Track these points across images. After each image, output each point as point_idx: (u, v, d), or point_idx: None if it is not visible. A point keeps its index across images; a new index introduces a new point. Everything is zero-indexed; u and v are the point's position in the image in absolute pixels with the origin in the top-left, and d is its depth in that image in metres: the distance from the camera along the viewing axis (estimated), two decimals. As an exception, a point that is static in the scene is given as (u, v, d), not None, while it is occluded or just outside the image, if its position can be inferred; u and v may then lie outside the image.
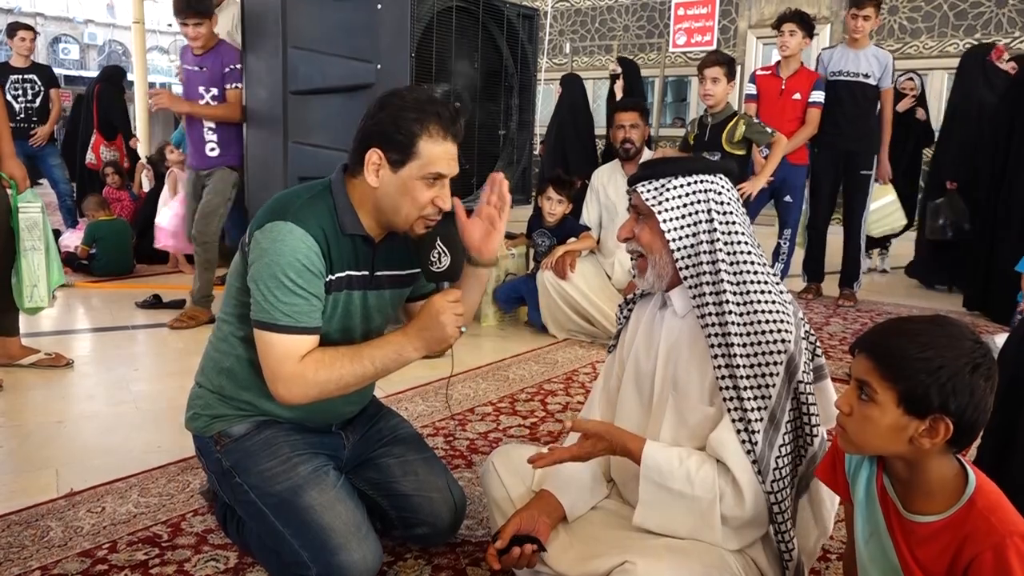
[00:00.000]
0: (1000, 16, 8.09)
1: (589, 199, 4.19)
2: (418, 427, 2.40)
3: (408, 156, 1.57)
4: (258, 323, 1.56)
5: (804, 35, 4.89)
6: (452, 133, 1.61)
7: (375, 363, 1.60)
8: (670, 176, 1.51)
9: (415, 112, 1.57)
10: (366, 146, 1.59)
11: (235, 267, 1.69)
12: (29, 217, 3.03)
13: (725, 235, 1.48)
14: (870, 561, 1.28)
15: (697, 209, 1.49)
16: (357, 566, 1.56)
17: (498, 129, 4.37)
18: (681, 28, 10.23)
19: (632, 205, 1.58)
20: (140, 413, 2.86)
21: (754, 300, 1.44)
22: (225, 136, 4.14)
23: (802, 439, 1.47)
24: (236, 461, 1.68)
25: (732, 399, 1.42)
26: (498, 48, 4.30)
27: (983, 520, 1.13)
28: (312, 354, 1.57)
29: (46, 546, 1.88)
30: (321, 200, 1.62)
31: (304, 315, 1.55)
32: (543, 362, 3.62)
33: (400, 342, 1.61)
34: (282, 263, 1.52)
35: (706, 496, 1.41)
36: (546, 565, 1.52)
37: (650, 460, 1.44)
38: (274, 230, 1.54)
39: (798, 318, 1.48)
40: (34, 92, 6.33)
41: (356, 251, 1.65)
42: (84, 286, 5.08)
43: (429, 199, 1.60)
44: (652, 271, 1.55)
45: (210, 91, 4.09)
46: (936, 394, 1.11)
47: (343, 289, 1.65)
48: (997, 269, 4.55)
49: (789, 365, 1.42)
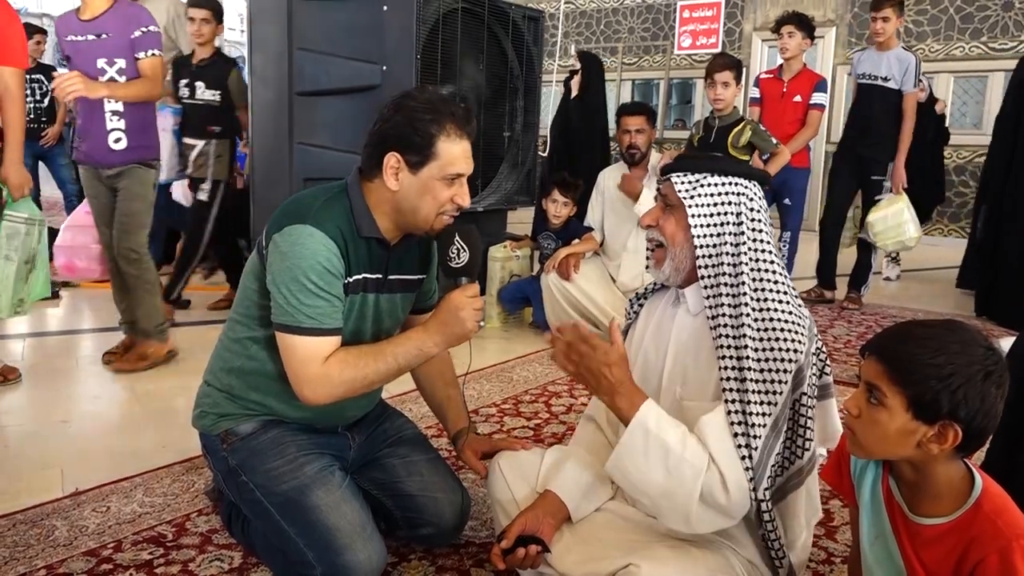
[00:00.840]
0: (1006, 19, 8.07)
1: (594, 200, 4.18)
2: (423, 428, 2.40)
3: (427, 157, 1.58)
4: (281, 326, 1.56)
5: (804, 36, 4.89)
6: (468, 132, 1.62)
7: (398, 359, 1.61)
8: (706, 172, 1.51)
9: (431, 113, 1.57)
10: (383, 150, 1.59)
11: (251, 268, 1.70)
12: (12, 226, 2.90)
13: (752, 240, 1.48)
14: (875, 563, 1.27)
15: (728, 210, 1.49)
16: (362, 566, 1.56)
17: (503, 131, 4.37)
18: (686, 30, 10.22)
19: (661, 194, 1.57)
20: (145, 413, 2.87)
21: (771, 308, 1.43)
22: (135, 122, 3.23)
23: (791, 451, 1.47)
24: (242, 460, 1.69)
25: (735, 401, 1.41)
26: (503, 50, 4.31)
27: (989, 523, 1.13)
28: (336, 354, 1.57)
29: (51, 545, 1.89)
30: (338, 203, 1.62)
31: (327, 317, 1.56)
32: (547, 364, 3.61)
33: (421, 338, 1.63)
34: (303, 266, 1.53)
35: (695, 461, 1.37)
36: (550, 566, 1.52)
37: (651, 412, 1.40)
38: (294, 233, 1.55)
39: (812, 333, 1.47)
40: (42, 92, 6.37)
41: (371, 254, 1.66)
42: (89, 286, 5.08)
43: (449, 198, 1.62)
44: (670, 263, 1.54)
45: (115, 64, 3.14)
46: (946, 400, 1.10)
47: (359, 291, 1.65)
48: (1004, 265, 4.50)
49: (797, 376, 1.41)
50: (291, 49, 3.94)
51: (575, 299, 3.92)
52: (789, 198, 4.92)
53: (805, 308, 1.50)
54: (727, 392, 1.42)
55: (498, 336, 4.19)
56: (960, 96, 8.50)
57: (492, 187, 4.35)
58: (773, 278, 1.46)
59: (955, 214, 8.32)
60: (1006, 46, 8.08)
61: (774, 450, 1.41)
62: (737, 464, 1.38)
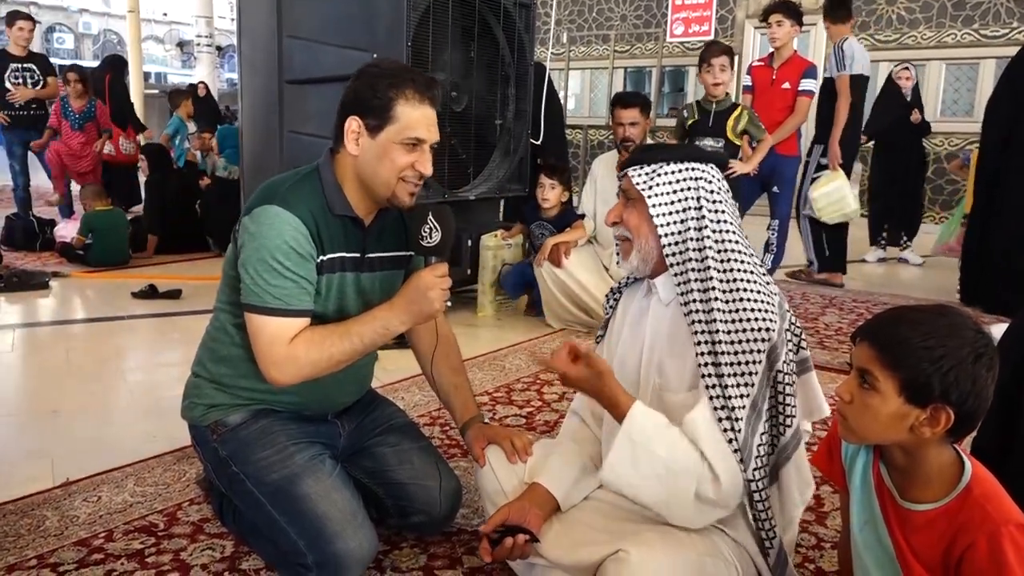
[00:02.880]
0: (998, 6, 8.07)
1: (587, 188, 4.18)
2: (413, 416, 2.40)
3: (385, 120, 1.57)
4: (249, 307, 1.56)
5: (792, 23, 4.88)
6: (429, 97, 1.61)
7: (364, 338, 1.60)
8: (661, 162, 1.52)
9: (390, 78, 1.58)
10: (344, 115, 1.60)
11: (229, 255, 1.69)
12: None
13: (713, 223, 1.48)
14: (865, 548, 1.28)
15: (687, 196, 1.50)
16: (353, 554, 1.56)
17: (494, 119, 4.35)
18: (679, 18, 10.19)
19: (622, 189, 1.59)
20: (136, 403, 2.86)
21: (740, 288, 1.44)
22: None
23: (776, 428, 1.47)
24: (232, 450, 1.68)
25: (715, 386, 1.42)
26: (495, 37, 4.29)
27: (979, 508, 1.13)
28: (302, 334, 1.57)
29: (42, 535, 1.88)
30: (308, 182, 1.63)
31: (294, 298, 1.55)
32: (539, 352, 3.61)
33: (386, 317, 1.61)
34: (270, 247, 1.53)
35: (687, 465, 1.38)
36: (540, 556, 1.52)
37: (637, 419, 1.42)
38: (262, 215, 1.55)
39: (783, 308, 1.48)
40: (33, 81, 6.34)
41: (347, 233, 1.66)
42: (80, 276, 5.07)
43: (408, 163, 1.60)
44: (637, 255, 1.55)
45: None
46: (938, 383, 1.11)
47: (336, 271, 1.65)
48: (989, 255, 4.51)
49: (771, 354, 1.42)
50: (280, 37, 3.91)
51: (569, 288, 3.92)
52: (778, 186, 4.94)
53: (774, 286, 1.50)
54: (706, 378, 1.42)
55: (491, 324, 4.19)
56: (952, 83, 8.50)
57: (484, 175, 4.34)
58: (739, 258, 1.47)
59: (946, 202, 8.33)
60: (998, 33, 8.08)
61: (758, 430, 1.42)
62: (727, 455, 1.39)
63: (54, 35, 33.88)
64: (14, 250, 5.79)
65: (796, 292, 5.12)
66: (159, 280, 4.73)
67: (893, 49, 8.51)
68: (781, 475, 1.50)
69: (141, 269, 5.39)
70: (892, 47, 8.59)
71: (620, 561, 1.35)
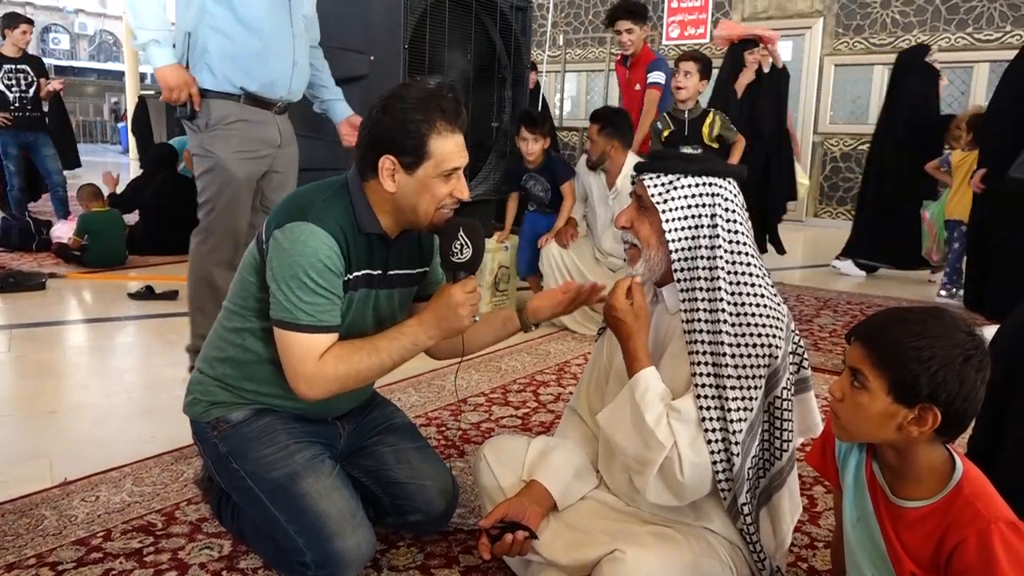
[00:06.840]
0: (992, 10, 8.11)
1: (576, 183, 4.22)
2: (411, 417, 2.41)
3: (422, 157, 1.56)
4: (280, 322, 1.57)
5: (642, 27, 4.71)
6: (459, 124, 1.60)
7: (392, 354, 1.61)
8: (680, 174, 1.49)
9: (420, 112, 1.55)
10: (377, 153, 1.58)
11: (249, 261, 1.69)
12: None
13: (727, 243, 1.46)
14: (857, 545, 1.30)
15: (702, 212, 1.47)
16: (351, 553, 1.58)
17: (491, 121, 4.37)
18: (675, 21, 10.22)
19: (636, 195, 1.56)
20: (133, 403, 2.86)
21: (749, 312, 1.42)
22: None
23: (769, 452, 1.48)
24: (233, 447, 1.69)
25: (712, 408, 1.42)
26: (491, 40, 4.30)
27: (969, 506, 1.15)
28: (331, 350, 1.57)
29: (41, 535, 1.89)
30: (339, 199, 1.62)
31: (326, 314, 1.56)
32: (535, 353, 3.63)
33: (415, 332, 1.62)
34: (304, 264, 1.53)
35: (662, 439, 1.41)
36: (537, 553, 1.53)
37: (643, 380, 1.46)
38: (295, 230, 1.54)
39: (790, 331, 1.48)
40: (27, 82, 6.33)
41: (372, 249, 1.66)
42: (76, 277, 5.07)
43: (447, 193, 1.61)
44: (643, 264, 1.54)
45: None
46: (925, 383, 1.12)
47: (360, 288, 1.65)
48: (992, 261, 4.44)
49: (771, 379, 1.42)
50: (278, 38, 3.90)
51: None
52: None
53: (784, 307, 1.49)
54: (702, 399, 1.43)
55: (487, 326, 4.19)
56: (946, 87, 8.52)
57: (480, 177, 4.35)
58: (750, 280, 1.45)
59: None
60: (991, 36, 8.13)
61: (750, 452, 1.43)
62: (702, 451, 1.41)
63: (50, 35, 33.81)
64: (10, 251, 5.79)
65: (791, 294, 5.15)
66: (156, 281, 4.74)
67: (887, 52, 8.54)
68: (774, 500, 1.51)
69: (138, 270, 5.39)
70: (886, 50, 8.62)
71: (616, 561, 1.37)
